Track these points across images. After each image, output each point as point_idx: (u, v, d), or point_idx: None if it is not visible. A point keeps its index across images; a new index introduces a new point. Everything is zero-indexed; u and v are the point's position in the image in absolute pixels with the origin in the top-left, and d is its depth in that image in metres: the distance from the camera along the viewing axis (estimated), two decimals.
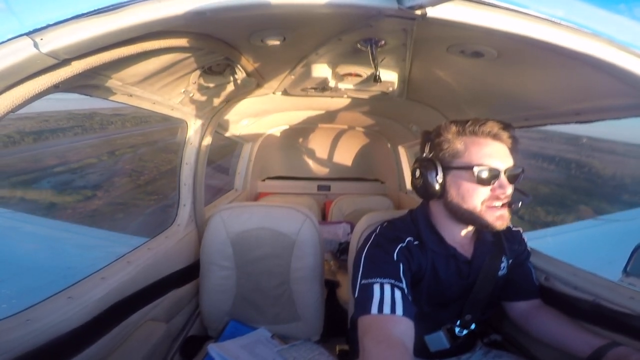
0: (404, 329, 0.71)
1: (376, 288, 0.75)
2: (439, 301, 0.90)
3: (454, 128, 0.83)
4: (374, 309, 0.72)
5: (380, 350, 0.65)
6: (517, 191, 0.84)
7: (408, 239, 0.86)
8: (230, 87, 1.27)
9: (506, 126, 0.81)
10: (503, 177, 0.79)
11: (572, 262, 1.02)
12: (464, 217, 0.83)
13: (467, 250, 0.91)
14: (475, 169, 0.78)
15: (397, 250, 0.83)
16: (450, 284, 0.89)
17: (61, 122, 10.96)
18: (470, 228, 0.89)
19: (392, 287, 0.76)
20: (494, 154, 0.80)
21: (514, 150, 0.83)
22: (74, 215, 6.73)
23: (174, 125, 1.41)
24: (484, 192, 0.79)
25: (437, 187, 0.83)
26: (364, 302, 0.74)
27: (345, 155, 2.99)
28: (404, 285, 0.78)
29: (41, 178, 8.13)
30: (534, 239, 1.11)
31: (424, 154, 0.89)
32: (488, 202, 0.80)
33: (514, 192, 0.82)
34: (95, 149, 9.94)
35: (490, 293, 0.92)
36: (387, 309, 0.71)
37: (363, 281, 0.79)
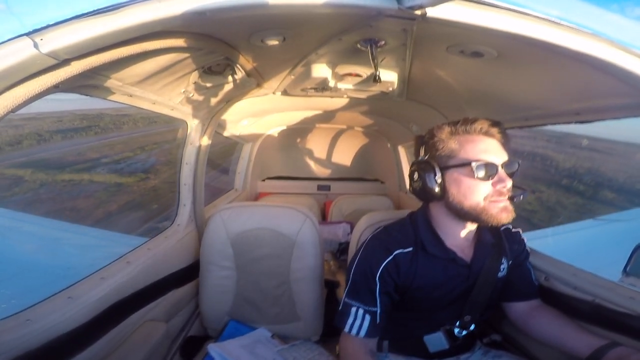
0: (365, 344, 0.87)
1: (352, 311, 0.88)
2: (437, 303, 0.90)
3: (446, 129, 0.85)
4: (347, 327, 0.87)
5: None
6: (514, 186, 0.84)
7: (397, 252, 0.87)
8: (230, 87, 1.27)
9: (495, 123, 0.83)
10: (501, 171, 0.80)
11: (572, 263, 1.02)
12: (467, 215, 0.83)
13: (467, 254, 0.91)
14: (474, 164, 0.78)
15: (381, 269, 0.86)
16: (448, 287, 0.89)
17: (76, 122, 12.33)
18: (471, 229, 0.89)
19: (365, 312, 0.87)
20: (488, 149, 0.81)
21: (506, 145, 0.84)
22: (139, 189, 8.50)
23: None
24: (486, 188, 0.80)
25: (437, 188, 0.83)
26: (342, 317, 0.89)
27: (345, 155, 2.99)
28: (377, 307, 0.87)
29: (95, 167, 9.66)
30: (534, 239, 1.11)
31: (420, 157, 0.90)
32: (491, 198, 0.80)
33: (512, 187, 0.83)
34: (125, 146, 11.51)
35: (490, 295, 0.92)
36: (354, 330, 0.86)
37: (346, 299, 0.90)
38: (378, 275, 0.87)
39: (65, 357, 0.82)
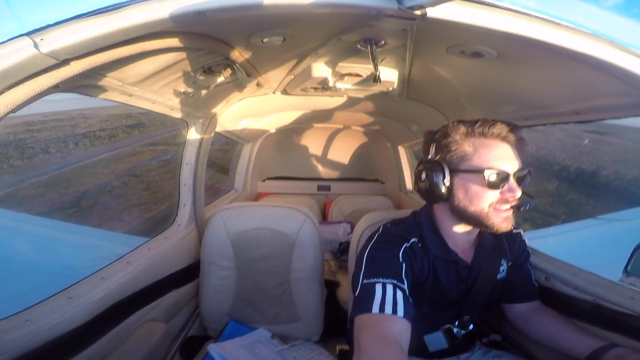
0: (402, 329, 0.69)
1: (378, 288, 0.74)
2: (439, 304, 0.90)
3: (462, 129, 0.81)
4: (375, 308, 0.70)
5: (377, 348, 0.64)
6: (522, 193, 0.83)
7: (413, 239, 0.86)
8: (230, 87, 1.27)
9: (515, 128, 0.80)
10: (512, 181, 0.78)
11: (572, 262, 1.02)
12: (470, 219, 0.82)
13: (467, 255, 0.90)
14: (487, 173, 0.76)
15: (401, 251, 0.82)
16: (450, 288, 0.89)
17: (123, 121, 14.00)
18: (473, 231, 0.89)
19: (395, 287, 0.74)
20: (503, 156, 0.78)
21: (521, 152, 0.82)
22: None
23: None
24: (493, 195, 0.78)
25: (444, 190, 0.81)
26: (364, 300, 0.73)
27: (345, 156, 2.99)
28: (405, 286, 0.77)
29: None
30: (535, 239, 1.11)
31: (430, 156, 0.86)
32: (496, 205, 0.79)
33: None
34: None
35: (489, 296, 0.92)
36: (388, 308, 0.70)
37: (365, 280, 0.77)
38: (401, 254, 0.81)
39: (65, 357, 0.82)
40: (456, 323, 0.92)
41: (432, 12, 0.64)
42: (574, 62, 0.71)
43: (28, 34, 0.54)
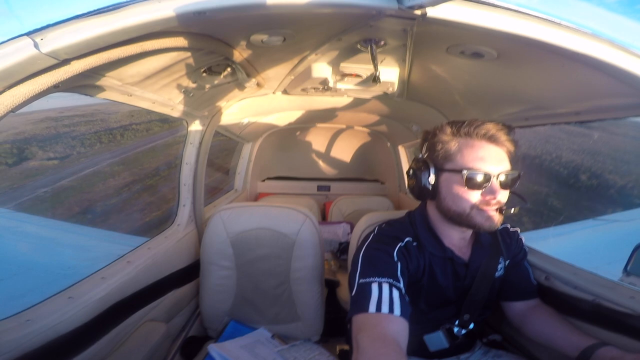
0: (400, 328, 0.70)
1: (374, 287, 0.74)
2: (437, 302, 0.90)
3: (449, 129, 0.82)
4: (372, 307, 0.70)
5: (375, 347, 0.64)
6: (513, 194, 0.82)
7: (407, 239, 0.86)
8: (230, 87, 1.27)
9: (503, 128, 0.79)
10: (494, 182, 0.77)
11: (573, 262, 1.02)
12: (454, 219, 0.83)
13: (464, 253, 0.90)
14: (465, 173, 0.76)
15: (396, 250, 0.83)
16: (447, 286, 0.89)
17: (148, 116, 14.67)
18: (467, 230, 0.89)
19: (390, 286, 0.74)
20: (486, 157, 0.77)
21: (511, 153, 0.81)
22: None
23: None
24: (475, 196, 0.78)
25: (429, 188, 0.83)
26: (361, 300, 0.73)
27: (345, 156, 2.99)
28: (401, 285, 0.77)
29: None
30: (536, 239, 1.11)
31: (420, 155, 0.89)
32: (479, 206, 0.79)
33: (510, 195, 0.81)
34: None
35: (488, 294, 0.92)
36: (385, 308, 0.70)
37: (361, 280, 0.77)
38: (395, 254, 0.81)
39: (65, 357, 0.82)
40: (456, 322, 0.92)
41: (432, 12, 0.64)
42: (574, 62, 0.71)
43: (28, 34, 0.54)
